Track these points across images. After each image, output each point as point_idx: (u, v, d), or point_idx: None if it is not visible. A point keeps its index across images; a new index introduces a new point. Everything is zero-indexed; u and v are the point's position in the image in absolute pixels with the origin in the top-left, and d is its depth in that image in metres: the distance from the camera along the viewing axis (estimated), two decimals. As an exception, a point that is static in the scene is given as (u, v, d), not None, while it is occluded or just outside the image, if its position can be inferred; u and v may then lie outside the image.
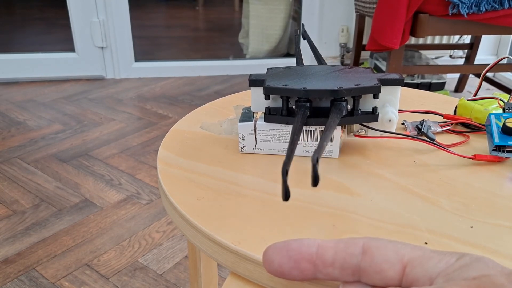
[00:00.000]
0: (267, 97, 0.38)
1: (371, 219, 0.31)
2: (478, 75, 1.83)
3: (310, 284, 0.26)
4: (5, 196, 1.19)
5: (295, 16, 2.39)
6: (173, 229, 1.06)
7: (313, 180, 0.25)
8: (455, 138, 0.44)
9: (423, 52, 1.99)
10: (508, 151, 0.38)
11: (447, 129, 0.45)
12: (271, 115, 0.39)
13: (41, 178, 1.27)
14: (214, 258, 0.31)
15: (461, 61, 2.20)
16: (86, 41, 2.05)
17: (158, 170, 0.39)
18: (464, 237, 0.29)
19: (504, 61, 1.74)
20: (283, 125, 0.39)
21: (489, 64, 0.48)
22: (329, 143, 0.39)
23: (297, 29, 0.52)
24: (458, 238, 0.29)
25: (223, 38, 3.06)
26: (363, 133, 0.41)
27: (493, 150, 0.39)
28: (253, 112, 0.40)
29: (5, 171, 1.31)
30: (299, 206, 0.33)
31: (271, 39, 2.35)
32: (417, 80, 1.85)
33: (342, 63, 2.22)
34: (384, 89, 0.38)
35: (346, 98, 0.36)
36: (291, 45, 2.45)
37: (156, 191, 1.22)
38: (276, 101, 0.39)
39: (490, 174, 0.37)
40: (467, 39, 2.07)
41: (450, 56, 2.24)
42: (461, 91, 2.01)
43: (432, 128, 0.45)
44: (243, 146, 0.41)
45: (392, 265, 0.21)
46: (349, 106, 0.38)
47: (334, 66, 0.42)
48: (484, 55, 2.16)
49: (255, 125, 0.40)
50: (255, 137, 0.40)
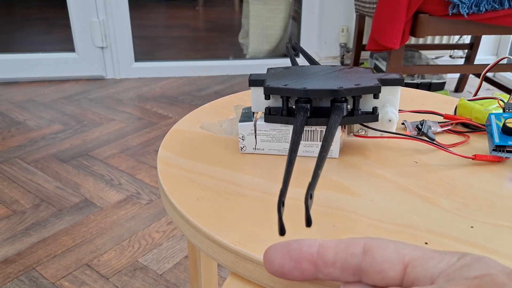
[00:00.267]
0: (267, 97, 0.38)
1: (371, 219, 0.31)
2: (478, 75, 1.83)
3: (311, 284, 0.26)
4: (5, 196, 1.19)
5: (295, 16, 2.39)
6: (173, 229, 1.06)
7: (306, 221, 0.23)
8: (455, 138, 0.44)
9: (423, 52, 1.99)
10: (508, 151, 0.38)
11: (447, 129, 0.45)
12: (271, 115, 0.39)
13: (41, 178, 1.27)
14: (214, 258, 0.31)
15: (461, 61, 2.20)
16: (86, 41, 2.05)
17: (158, 170, 0.39)
18: (464, 237, 0.29)
19: (504, 61, 1.74)
20: (283, 125, 0.39)
21: (489, 64, 0.48)
22: (329, 143, 0.39)
23: (287, 42, 0.51)
24: (458, 238, 0.29)
25: (223, 38, 3.06)
26: (363, 133, 0.41)
27: (493, 150, 0.39)
28: (253, 112, 0.40)
29: (5, 171, 1.31)
30: (299, 206, 0.33)
31: (271, 39, 2.35)
32: (417, 80, 1.85)
33: (342, 63, 2.22)
34: (384, 89, 0.38)
35: (347, 98, 0.36)
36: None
37: (156, 191, 1.22)
38: (276, 101, 0.39)
39: (490, 174, 0.37)
40: (467, 39, 2.07)
41: (450, 56, 2.24)
42: (461, 91, 2.01)
43: (432, 128, 0.45)
44: (243, 146, 0.41)
45: (393, 265, 0.21)
46: (349, 106, 0.38)
47: (334, 66, 0.42)
48: (484, 55, 2.16)
49: (255, 125, 0.40)
50: (255, 137, 0.40)
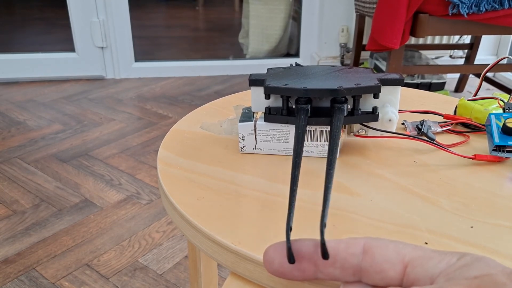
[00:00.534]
0: (267, 97, 0.38)
1: (371, 219, 0.31)
2: (478, 75, 1.83)
3: (311, 284, 0.26)
4: (5, 196, 1.19)
5: (295, 16, 2.39)
6: (173, 229, 1.06)
7: (323, 254, 0.21)
8: (455, 138, 0.44)
9: (423, 52, 1.99)
10: (508, 151, 0.38)
11: (447, 129, 0.45)
12: (271, 115, 0.39)
13: (41, 178, 1.27)
14: (214, 258, 0.31)
15: (461, 61, 2.20)
16: (86, 41, 2.05)
17: (158, 170, 0.39)
18: (464, 237, 0.29)
19: (504, 61, 1.74)
20: (283, 125, 0.39)
21: (489, 64, 0.48)
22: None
23: (291, 64, 0.51)
24: (458, 238, 0.29)
25: (223, 38, 3.06)
26: (363, 133, 0.41)
27: (493, 150, 0.39)
28: (253, 112, 0.40)
29: (5, 171, 1.31)
30: (299, 206, 0.33)
31: (271, 39, 2.35)
32: (417, 80, 1.85)
33: (342, 63, 2.21)
34: (384, 89, 0.38)
35: (347, 98, 0.36)
36: (291, 45, 2.45)
37: (156, 191, 1.22)
38: (276, 101, 0.39)
39: (490, 174, 0.37)
40: (467, 39, 2.07)
41: (450, 56, 2.24)
42: (461, 91, 2.01)
43: (432, 128, 0.45)
44: (243, 146, 0.41)
45: (393, 265, 0.21)
46: (349, 106, 0.38)
47: (334, 66, 0.42)
48: (484, 55, 2.16)
49: (255, 125, 0.40)
50: (255, 137, 0.40)
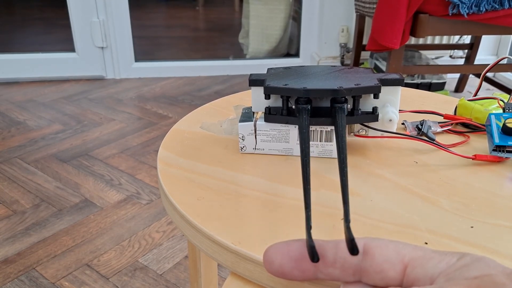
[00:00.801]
0: (267, 97, 0.38)
1: (371, 219, 0.31)
2: (478, 75, 1.83)
3: (311, 284, 0.26)
4: (5, 196, 1.19)
5: (295, 16, 2.39)
6: (173, 229, 1.06)
7: (351, 250, 0.21)
8: (455, 138, 0.44)
9: (423, 52, 1.99)
10: (508, 151, 0.38)
11: (447, 129, 0.45)
12: (271, 115, 0.39)
13: (41, 178, 1.27)
14: (214, 258, 0.31)
15: (461, 61, 2.20)
16: (86, 41, 2.05)
17: (158, 170, 0.39)
18: (464, 237, 0.29)
19: (504, 61, 1.74)
20: (283, 125, 0.39)
21: (489, 64, 0.48)
22: (329, 143, 0.39)
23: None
24: (458, 238, 0.29)
25: (223, 38, 3.06)
26: (364, 133, 0.41)
27: (493, 150, 0.39)
28: (253, 112, 0.40)
29: (5, 171, 1.31)
30: (300, 206, 0.33)
31: (271, 39, 2.35)
32: (417, 80, 1.85)
33: (342, 63, 2.21)
34: (384, 89, 0.38)
35: (347, 98, 0.36)
36: (291, 45, 2.45)
37: (156, 191, 1.22)
38: (276, 101, 0.39)
39: (490, 174, 0.37)
40: (467, 39, 2.07)
41: (450, 56, 2.24)
42: (461, 91, 2.01)
43: (432, 128, 0.45)
44: (243, 146, 0.41)
45: (393, 265, 0.21)
46: (349, 106, 0.38)
47: (334, 66, 0.42)
48: (484, 55, 2.16)
49: (255, 125, 0.40)
50: (255, 137, 0.40)
